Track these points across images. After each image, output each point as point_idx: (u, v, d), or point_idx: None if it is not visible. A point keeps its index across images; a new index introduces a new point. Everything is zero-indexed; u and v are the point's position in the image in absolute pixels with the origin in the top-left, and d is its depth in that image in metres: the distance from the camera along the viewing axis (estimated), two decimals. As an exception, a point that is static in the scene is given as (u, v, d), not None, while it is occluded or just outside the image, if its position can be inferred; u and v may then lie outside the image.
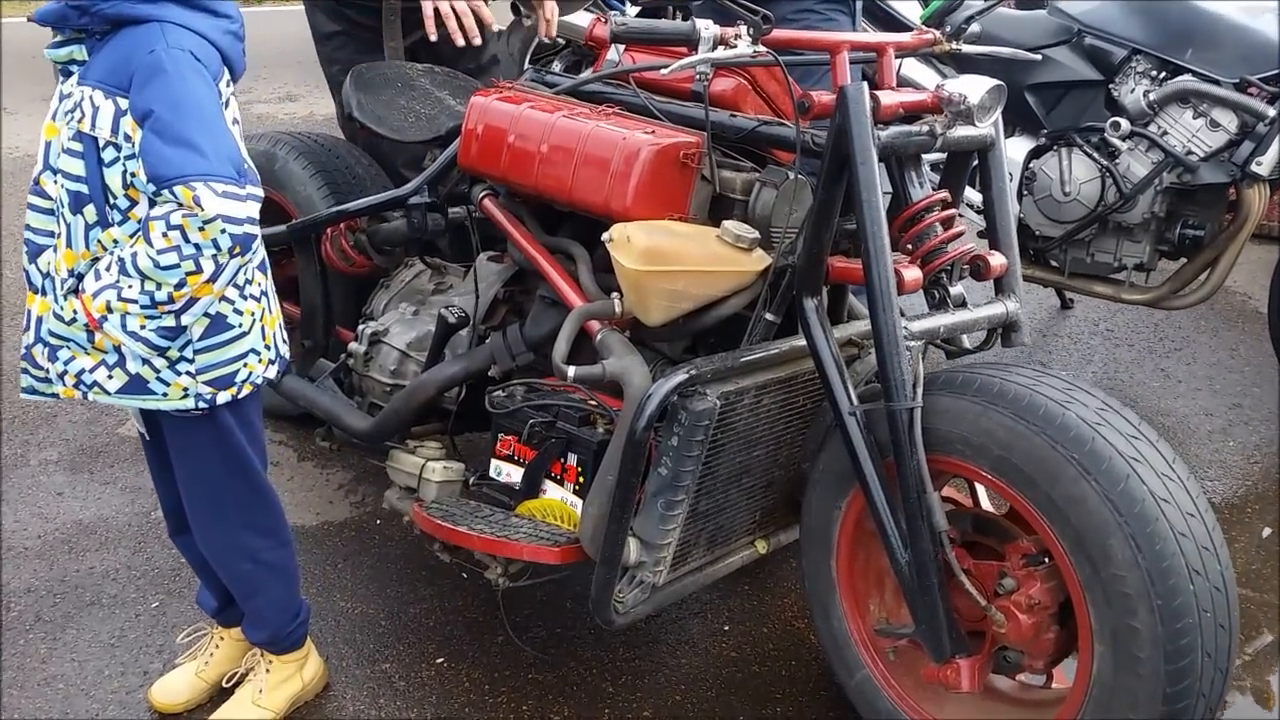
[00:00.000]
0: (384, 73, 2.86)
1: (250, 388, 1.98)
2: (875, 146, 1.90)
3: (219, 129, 1.79)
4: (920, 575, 1.90)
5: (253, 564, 2.14)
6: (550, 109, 2.31)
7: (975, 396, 1.90)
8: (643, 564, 2.08)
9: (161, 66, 1.75)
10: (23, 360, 1.95)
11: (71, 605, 2.61)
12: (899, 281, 1.93)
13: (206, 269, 1.77)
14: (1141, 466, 1.77)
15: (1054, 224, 3.45)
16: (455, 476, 2.41)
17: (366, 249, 2.77)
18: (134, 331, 1.81)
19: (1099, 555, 1.75)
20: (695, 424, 1.97)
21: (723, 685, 2.39)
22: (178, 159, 1.72)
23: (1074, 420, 1.81)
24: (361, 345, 2.64)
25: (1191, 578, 1.73)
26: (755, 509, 2.32)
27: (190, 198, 1.71)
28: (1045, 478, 1.80)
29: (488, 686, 2.38)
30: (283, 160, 3.06)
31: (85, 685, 2.37)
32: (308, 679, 2.32)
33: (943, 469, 1.95)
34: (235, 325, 1.92)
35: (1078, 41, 3.41)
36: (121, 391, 1.89)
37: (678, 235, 2.06)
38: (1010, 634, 1.91)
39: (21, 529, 2.88)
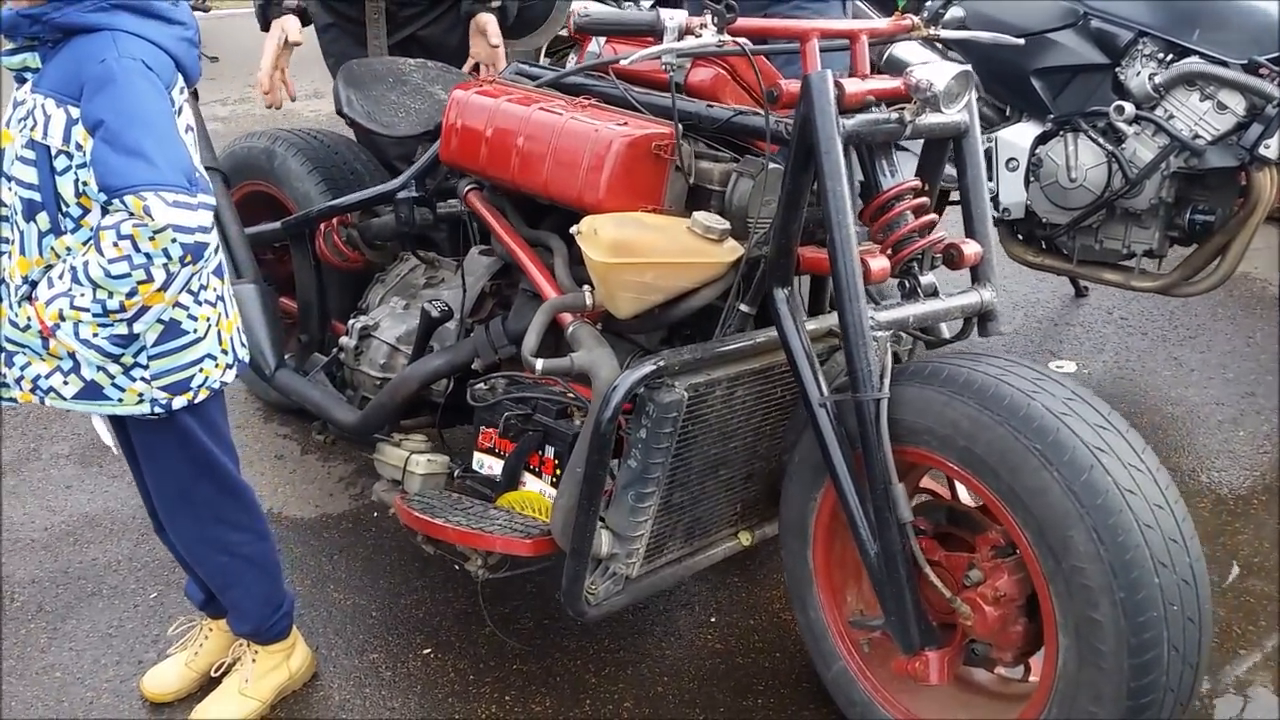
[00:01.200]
0: (375, 69, 2.88)
1: (207, 392, 2.00)
2: (840, 135, 1.88)
3: (170, 138, 1.80)
4: (888, 566, 1.89)
5: (228, 557, 2.17)
6: (527, 102, 2.31)
7: (942, 387, 1.88)
8: (615, 556, 2.09)
9: (112, 76, 1.76)
10: None
11: (73, 596, 2.67)
12: (865, 271, 1.91)
13: (158, 278, 1.78)
14: (1107, 457, 1.74)
15: (1061, 210, 3.39)
16: (439, 469, 2.43)
17: (358, 244, 2.80)
18: (86, 339, 1.84)
19: (1060, 547, 1.73)
20: (663, 416, 1.97)
21: (705, 676, 2.39)
22: (128, 169, 1.73)
23: (1039, 410, 1.79)
24: (352, 339, 2.67)
25: (1157, 570, 1.70)
26: (735, 501, 2.31)
27: (140, 207, 1.72)
28: (1008, 469, 1.78)
29: (472, 677, 2.40)
30: (282, 157, 3.09)
31: (81, 674, 2.42)
32: (294, 669, 2.35)
33: (912, 460, 1.94)
34: (190, 331, 1.94)
35: (1084, 24, 3.34)
36: (77, 397, 1.92)
37: (647, 227, 2.05)
38: (976, 626, 1.89)
39: (30, 521, 2.94)
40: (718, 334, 2.13)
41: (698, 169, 2.23)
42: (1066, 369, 3.55)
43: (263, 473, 3.14)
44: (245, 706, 2.28)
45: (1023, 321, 3.86)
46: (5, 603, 2.65)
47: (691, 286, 2.08)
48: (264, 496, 3.03)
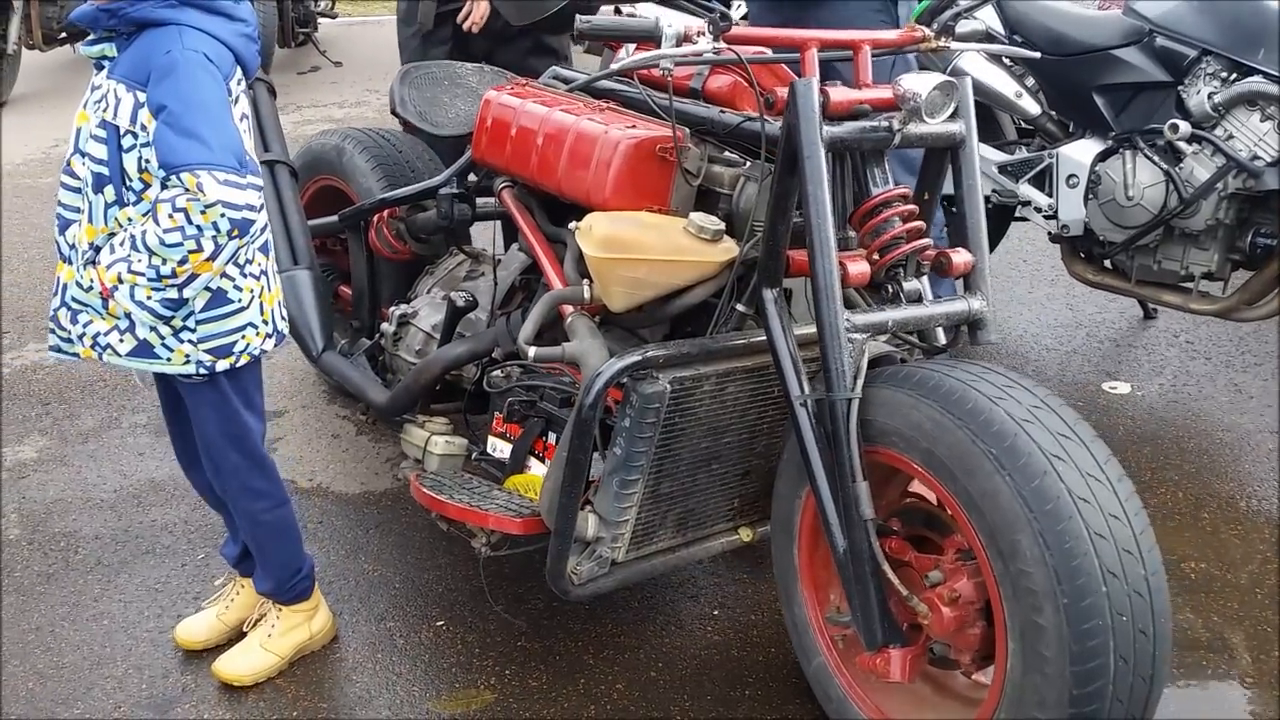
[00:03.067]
0: (432, 71, 3.04)
1: (248, 358, 2.17)
2: (823, 141, 1.94)
3: (224, 123, 1.99)
4: (853, 563, 1.93)
5: (252, 523, 2.34)
6: (549, 105, 2.43)
7: (912, 390, 1.91)
8: (601, 539, 2.18)
9: (176, 66, 1.97)
10: (50, 321, 2.19)
11: (130, 552, 2.88)
12: (844, 275, 1.96)
13: (207, 248, 1.97)
14: (1063, 464, 1.76)
15: (1118, 229, 3.35)
16: (457, 451, 2.56)
17: (405, 237, 2.95)
18: (141, 301, 2.03)
19: (1009, 551, 1.75)
20: (645, 406, 2.05)
21: (699, 665, 2.45)
22: (185, 149, 1.93)
23: (999, 416, 1.81)
24: (391, 326, 2.82)
25: (1105, 579, 1.70)
26: (732, 496, 2.38)
27: (194, 184, 1.92)
28: (963, 471, 1.81)
29: (478, 650, 2.51)
30: (350, 154, 3.27)
31: (126, 624, 2.62)
32: (315, 630, 2.50)
33: (881, 460, 1.97)
34: (235, 300, 2.12)
35: (1148, 42, 3.29)
36: (131, 354, 2.11)
37: (642, 225, 2.14)
38: (934, 626, 1.92)
39: (102, 483, 3.18)
40: (710, 332, 2.20)
41: (708, 172, 2.31)
42: (1120, 390, 3.49)
43: (318, 449, 3.33)
44: (265, 660, 2.44)
45: (1084, 341, 3.80)
46: (70, 555, 2.88)
47: (684, 284, 2.16)
48: (316, 471, 3.22)
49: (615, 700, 2.36)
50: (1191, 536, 2.82)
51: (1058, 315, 3.99)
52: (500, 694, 2.38)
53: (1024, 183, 3.58)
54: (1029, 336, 3.86)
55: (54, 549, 2.91)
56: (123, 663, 2.51)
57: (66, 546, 2.92)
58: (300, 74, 7.94)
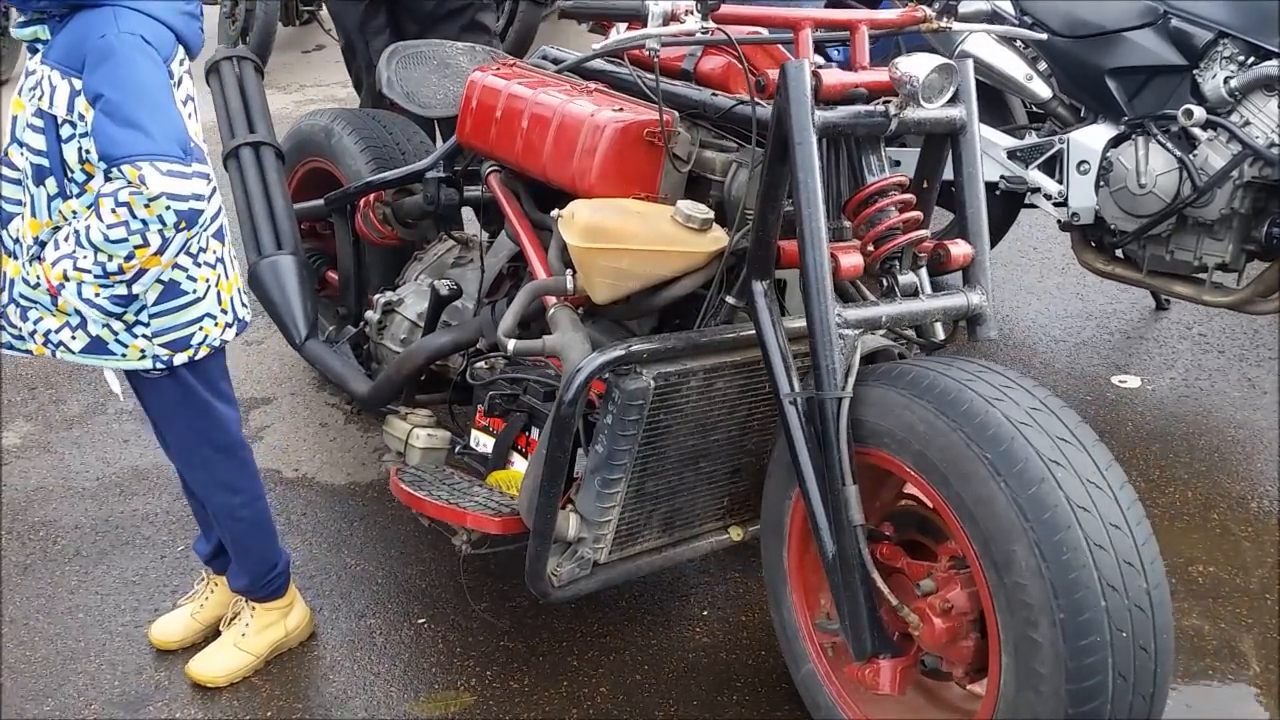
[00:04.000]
0: (421, 51, 2.95)
1: (207, 349, 2.09)
2: (814, 127, 1.85)
3: (166, 110, 1.89)
4: (842, 569, 1.85)
5: (229, 519, 2.27)
6: (535, 86, 2.33)
7: (905, 389, 1.82)
8: (582, 540, 2.10)
9: (112, 50, 1.86)
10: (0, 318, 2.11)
11: (109, 543, 2.82)
12: (835, 268, 1.87)
13: (153, 243, 1.88)
14: (1062, 471, 1.67)
15: (1129, 218, 3.23)
16: (439, 444, 2.48)
17: (391, 221, 2.87)
18: (89, 299, 1.94)
19: (1004, 561, 1.66)
20: (628, 403, 1.97)
21: (686, 669, 2.37)
22: (125, 139, 1.83)
23: (996, 418, 1.72)
24: (376, 314, 2.74)
25: (1104, 593, 1.62)
26: (721, 495, 2.29)
27: (136, 176, 1.82)
28: (957, 476, 1.72)
29: (459, 650, 2.44)
30: (338, 135, 3.19)
31: (101, 617, 2.56)
32: (291, 627, 2.43)
33: (873, 462, 1.89)
34: (189, 291, 2.03)
35: (1163, 24, 3.17)
36: (84, 351, 2.03)
37: (627, 213, 2.05)
38: (925, 637, 1.83)
39: (85, 470, 3.12)
40: (698, 325, 2.11)
41: (700, 158, 2.22)
42: (1130, 384, 3.38)
43: (305, 438, 3.25)
44: (239, 659, 2.37)
45: (1094, 332, 3.70)
46: (49, 545, 2.82)
47: (670, 275, 2.07)
48: (301, 461, 3.15)
49: (598, 704, 2.29)
50: (1200, 538, 2.72)
51: (1067, 305, 3.88)
52: (480, 696, 2.31)
53: (1033, 169, 3.47)
54: (1037, 327, 3.75)
55: (33, 539, 2.85)
56: (96, 658, 2.44)
57: (45, 536, 2.86)
58: (305, 52, 7.82)
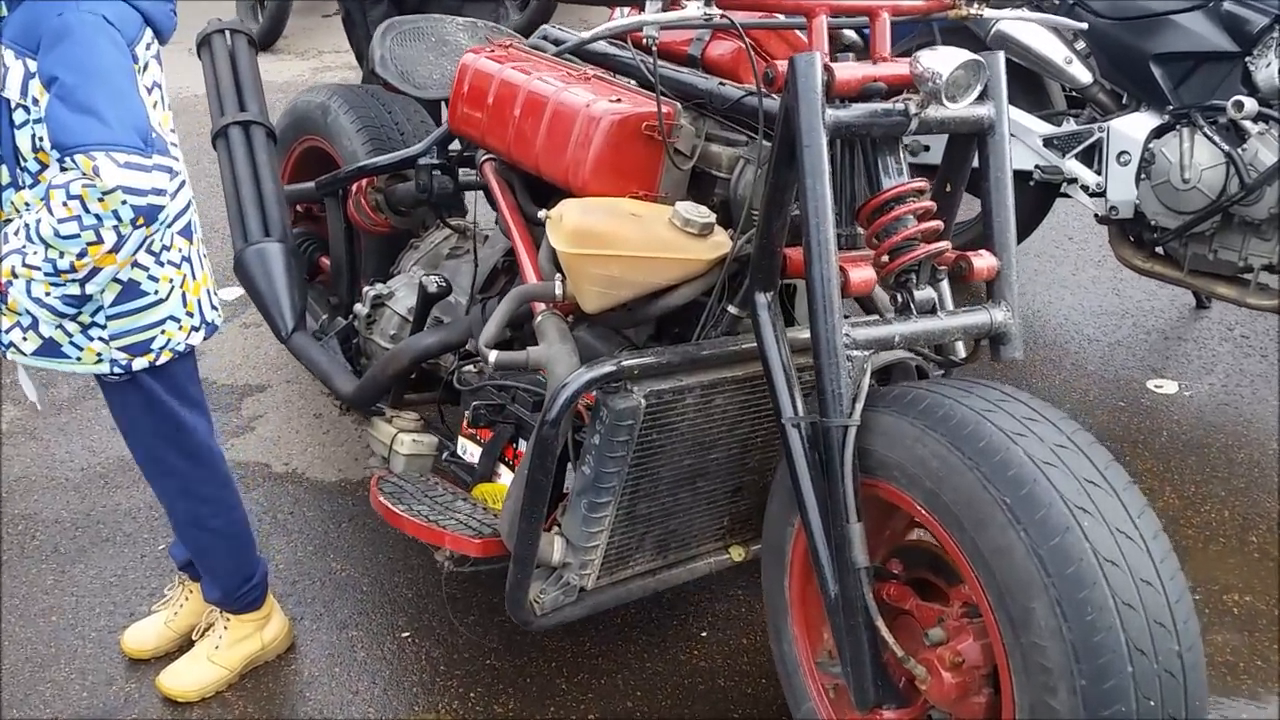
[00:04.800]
0: (419, 26, 2.79)
1: (170, 354, 1.95)
2: (825, 127, 1.67)
3: (126, 96, 1.74)
4: (845, 612, 1.69)
5: (196, 529, 2.14)
6: (528, 71, 2.17)
7: (917, 418, 1.66)
8: (568, 565, 1.95)
9: (69, 30, 1.71)
10: None
11: (88, 540, 2.71)
12: (845, 282, 1.70)
13: (108, 239, 1.73)
14: (1089, 519, 1.50)
15: (1171, 214, 3.04)
16: (425, 450, 2.34)
17: (383, 208, 2.72)
18: (38, 298, 1.81)
19: (1021, 619, 1.50)
20: (617, 423, 1.82)
21: (681, 695, 2.24)
22: (80, 127, 1.68)
23: (1018, 457, 1.55)
24: (364, 307, 2.60)
25: (1132, 658, 1.46)
26: (721, 515, 2.14)
27: (90, 167, 1.68)
28: (972, 521, 1.56)
29: (444, 668, 2.31)
30: (335, 113, 3.03)
31: (76, 621, 2.45)
32: (267, 640, 2.31)
33: (881, 496, 1.73)
34: (150, 292, 1.90)
35: (1214, 7, 2.96)
36: (37, 354, 1.90)
37: (620, 216, 1.89)
38: (933, 692, 1.68)
39: (69, 460, 3.01)
40: (697, 335, 1.95)
41: (705, 152, 2.06)
42: (1166, 389, 3.20)
43: (298, 430, 3.13)
44: (211, 673, 2.26)
45: (1129, 331, 3.50)
46: (26, 541, 2.71)
47: (666, 283, 1.91)
48: (293, 455, 3.03)
49: (586, 733, 2.16)
50: (1236, 563, 2.55)
51: (1103, 301, 3.69)
52: (462, 721, 2.19)
53: (1070, 158, 3.27)
54: (1070, 325, 3.57)
55: (11, 532, 2.74)
56: (66, 666, 2.34)
57: (24, 530, 2.75)
58: (325, 16, 7.67)
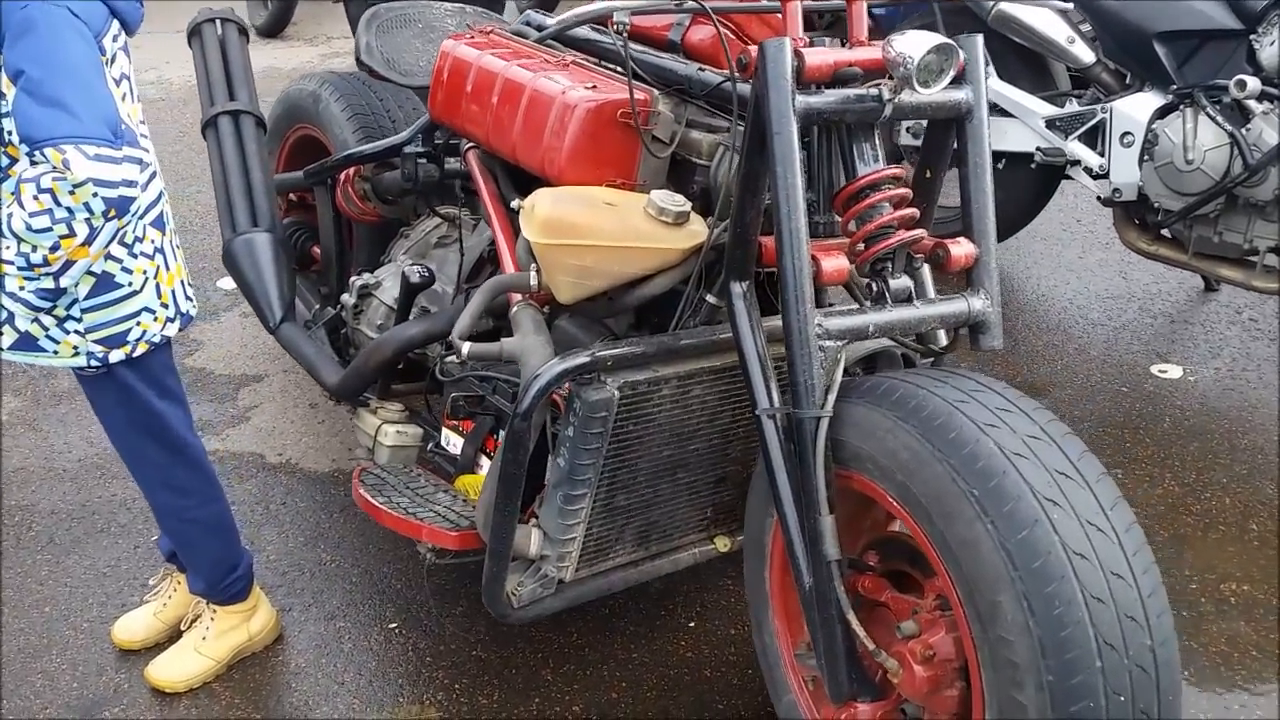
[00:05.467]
0: (405, 13, 2.77)
1: (146, 346, 1.95)
2: (795, 114, 1.65)
3: (94, 89, 1.73)
4: (819, 605, 1.68)
5: (177, 521, 2.14)
6: (506, 58, 2.15)
7: (890, 409, 1.63)
8: (546, 557, 1.94)
9: (34, 23, 1.70)
10: None
11: (83, 530, 2.72)
12: (817, 272, 1.68)
13: (80, 232, 1.73)
14: (1059, 512, 1.47)
15: (1175, 196, 2.99)
16: (409, 442, 2.33)
17: (371, 197, 2.71)
18: (12, 292, 1.81)
19: (988, 613, 1.48)
20: (590, 415, 1.80)
21: (666, 686, 2.22)
22: (48, 120, 1.67)
23: (987, 449, 1.52)
24: (351, 297, 2.59)
25: (1101, 653, 1.43)
26: (704, 505, 2.13)
27: (60, 160, 1.67)
28: (941, 514, 1.53)
29: (430, 659, 2.31)
30: (326, 101, 3.02)
31: (69, 611, 2.47)
32: (254, 631, 2.32)
33: (855, 487, 1.70)
34: (124, 284, 1.89)
35: (1218, -18, 2.91)
36: (14, 348, 1.90)
37: (593, 205, 1.87)
38: (904, 685, 1.65)
39: (67, 450, 3.02)
40: (674, 326, 1.93)
41: (685, 139, 2.03)
42: (1170, 374, 3.15)
43: (293, 420, 3.13)
44: (199, 664, 2.26)
45: (1135, 315, 3.45)
46: (23, 531, 2.73)
47: (641, 273, 1.89)
48: (287, 445, 3.03)
49: (569, 725, 2.15)
50: (1236, 551, 2.51)
51: (1109, 285, 3.63)
52: (447, 713, 2.18)
53: (1073, 139, 3.23)
54: (1074, 308, 3.52)
55: (8, 523, 2.76)
56: (58, 657, 2.35)
57: (21, 521, 2.77)
58: (335, 2, 7.64)
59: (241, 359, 3.43)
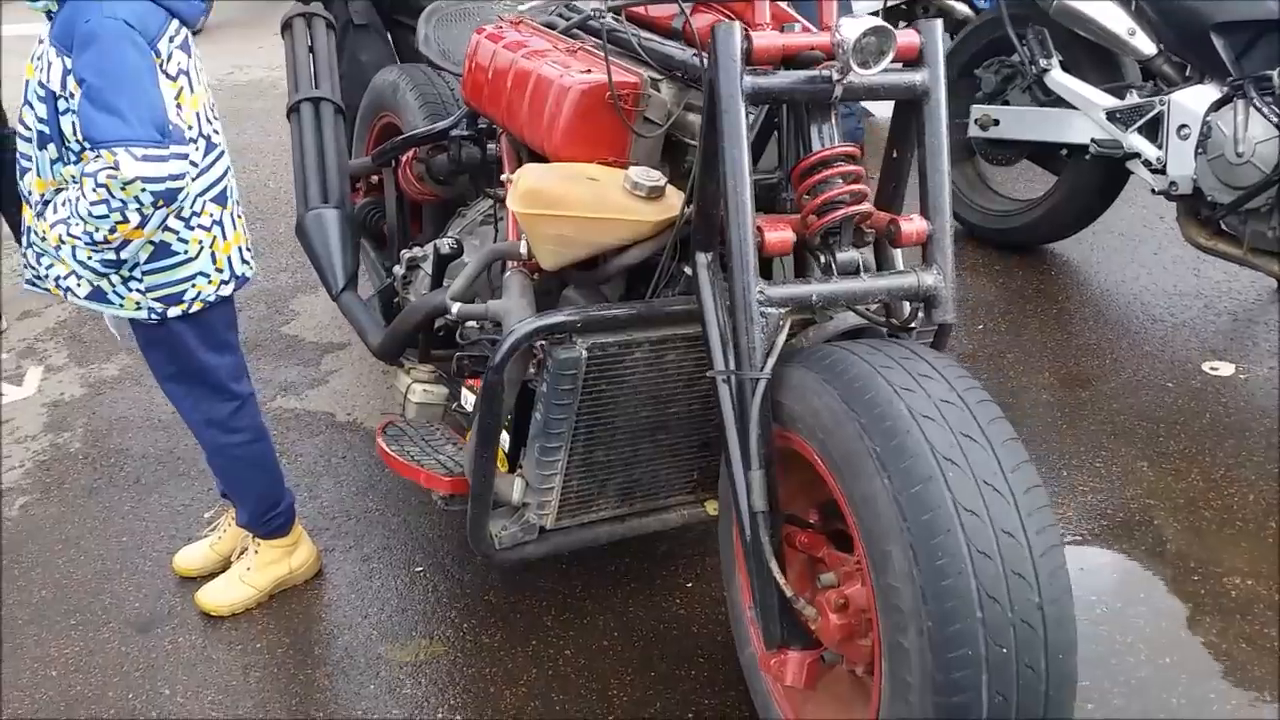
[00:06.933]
0: (465, 8, 2.97)
1: (201, 305, 2.20)
2: (743, 93, 1.76)
3: (145, 93, 1.97)
4: (750, 554, 1.79)
5: (220, 457, 2.40)
6: (519, 46, 2.32)
7: (821, 373, 1.73)
8: (528, 504, 2.10)
9: (95, 36, 1.96)
10: (23, 257, 2.28)
11: (167, 473, 3.03)
12: (760, 242, 1.79)
13: (133, 219, 1.99)
14: (954, 470, 1.55)
15: (1226, 189, 2.95)
16: (435, 400, 2.53)
17: (426, 179, 2.92)
18: (82, 260, 2.09)
19: (880, 562, 1.57)
20: (560, 373, 1.96)
21: (653, 639, 2.36)
22: (103, 124, 1.93)
23: (896, 410, 1.61)
24: (401, 269, 2.81)
25: (982, 604, 1.50)
26: (690, 468, 2.25)
27: (112, 161, 1.92)
28: (849, 469, 1.63)
29: (446, 599, 2.50)
30: (402, 90, 3.26)
31: (143, 543, 2.76)
32: (295, 565, 2.56)
33: (794, 447, 1.80)
34: (180, 252, 2.15)
35: (1277, -29, 2.85)
36: (89, 298, 2.18)
37: (573, 179, 2.02)
38: (821, 632, 1.75)
39: (165, 405, 3.29)
40: (650, 294, 2.07)
41: (682, 120, 2.16)
42: (1221, 372, 3.09)
43: (365, 384, 3.39)
44: (242, 592, 2.51)
45: (1198, 313, 3.39)
46: (115, 472, 3.05)
47: (617, 243, 2.03)
48: (356, 406, 3.29)
49: (559, 666, 2.30)
50: (1248, 548, 2.47)
51: (1178, 282, 3.57)
52: (450, 647, 2.37)
53: (1132, 131, 3.20)
54: (1137, 304, 3.47)
55: (104, 464, 3.09)
56: (127, 580, 2.64)
57: (114, 464, 3.09)
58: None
59: (331, 328, 3.71)
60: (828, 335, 2.07)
